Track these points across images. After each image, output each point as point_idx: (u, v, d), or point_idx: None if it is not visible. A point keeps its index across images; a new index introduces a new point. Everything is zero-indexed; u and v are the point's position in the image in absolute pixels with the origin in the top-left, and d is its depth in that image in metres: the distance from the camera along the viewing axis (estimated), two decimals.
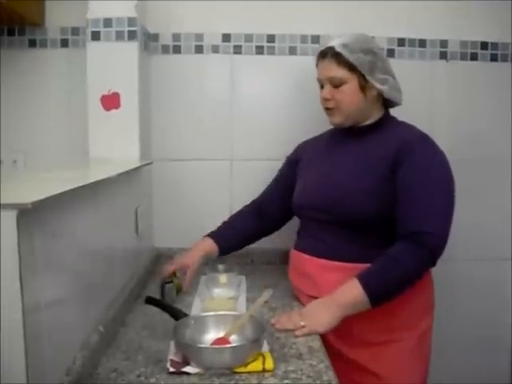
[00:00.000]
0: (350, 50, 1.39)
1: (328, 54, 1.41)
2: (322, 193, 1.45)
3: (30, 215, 0.77)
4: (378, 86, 1.42)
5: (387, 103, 1.49)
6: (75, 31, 1.81)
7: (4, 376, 0.75)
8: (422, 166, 1.35)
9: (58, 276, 0.92)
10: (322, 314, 1.26)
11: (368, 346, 1.38)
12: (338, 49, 1.38)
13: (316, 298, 1.33)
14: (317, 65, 1.47)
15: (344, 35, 1.42)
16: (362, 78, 1.40)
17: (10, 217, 0.73)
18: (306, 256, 1.46)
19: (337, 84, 1.41)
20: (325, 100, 1.44)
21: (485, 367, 1.99)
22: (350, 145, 1.48)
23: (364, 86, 1.41)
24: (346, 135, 1.51)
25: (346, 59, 1.38)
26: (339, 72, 1.40)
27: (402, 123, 1.50)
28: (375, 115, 1.47)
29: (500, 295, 2.00)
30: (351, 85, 1.40)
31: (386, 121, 1.48)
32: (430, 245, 1.27)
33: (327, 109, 1.46)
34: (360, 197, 1.37)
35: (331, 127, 1.56)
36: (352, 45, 1.39)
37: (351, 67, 1.39)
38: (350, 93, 1.41)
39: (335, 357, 1.29)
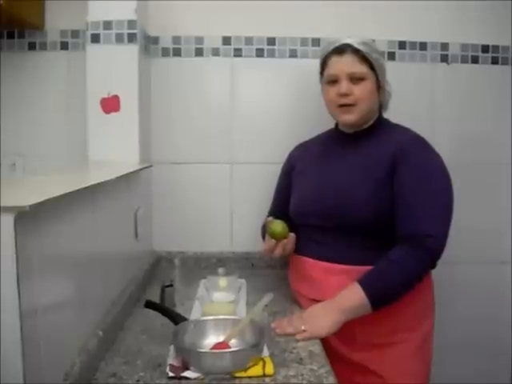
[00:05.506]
0: (370, 49, 1.40)
1: (347, 51, 1.40)
2: (320, 200, 1.44)
3: (27, 218, 0.76)
4: (387, 88, 1.46)
5: (380, 107, 1.51)
6: (75, 34, 1.81)
7: (1, 381, 0.74)
8: (419, 169, 1.35)
9: (55, 280, 0.92)
10: (323, 318, 1.26)
11: (370, 348, 1.37)
12: (359, 46, 1.39)
13: (319, 301, 1.32)
14: (326, 62, 1.45)
15: (355, 36, 1.42)
16: (377, 78, 1.42)
17: (8, 220, 0.73)
18: (309, 260, 1.45)
19: (356, 80, 1.40)
20: (342, 96, 1.41)
21: (485, 370, 1.98)
22: (347, 150, 1.48)
23: (378, 86, 1.43)
24: (341, 140, 1.51)
25: (367, 57, 1.39)
26: (362, 68, 1.40)
27: (397, 126, 1.50)
28: (373, 118, 1.48)
29: (500, 298, 1.99)
30: (370, 82, 1.41)
31: (381, 124, 1.49)
32: (429, 247, 1.27)
33: (342, 106, 1.42)
34: (359, 202, 1.36)
35: (327, 130, 1.55)
36: (371, 45, 1.42)
37: (371, 65, 1.40)
38: (369, 90, 1.41)
39: (337, 359, 1.29)
